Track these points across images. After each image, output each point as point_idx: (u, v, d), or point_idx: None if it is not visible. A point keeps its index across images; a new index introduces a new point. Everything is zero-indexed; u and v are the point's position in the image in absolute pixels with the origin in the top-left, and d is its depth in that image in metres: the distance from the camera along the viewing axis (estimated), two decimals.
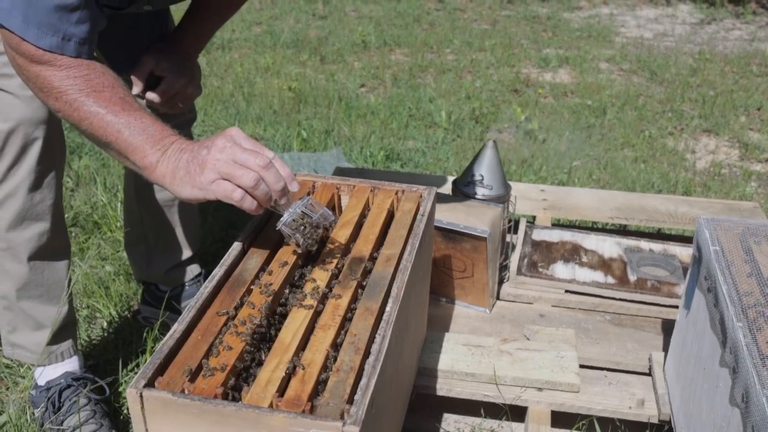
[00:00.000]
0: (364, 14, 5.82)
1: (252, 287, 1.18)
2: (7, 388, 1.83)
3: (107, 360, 1.91)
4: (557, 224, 2.29)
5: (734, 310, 1.14)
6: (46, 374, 1.68)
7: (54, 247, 1.58)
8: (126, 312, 2.11)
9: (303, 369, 1.02)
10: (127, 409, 1.71)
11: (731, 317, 1.13)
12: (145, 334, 1.93)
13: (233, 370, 1.03)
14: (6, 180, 1.47)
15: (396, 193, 1.45)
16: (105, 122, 1.18)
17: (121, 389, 1.79)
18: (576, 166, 3.15)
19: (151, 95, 1.58)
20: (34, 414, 1.69)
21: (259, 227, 1.34)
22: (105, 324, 2.06)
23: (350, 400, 0.97)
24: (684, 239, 2.19)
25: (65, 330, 1.65)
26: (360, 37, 5.06)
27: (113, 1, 1.42)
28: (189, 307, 1.12)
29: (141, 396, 0.97)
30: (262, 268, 1.23)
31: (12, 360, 1.88)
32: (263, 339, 1.11)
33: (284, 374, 1.01)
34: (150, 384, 0.99)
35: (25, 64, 1.20)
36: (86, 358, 1.85)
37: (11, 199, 1.48)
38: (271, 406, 0.96)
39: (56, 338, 1.64)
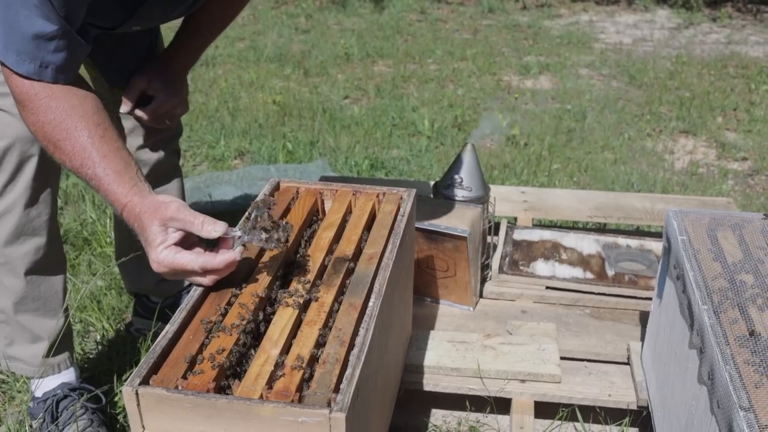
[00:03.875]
0: (346, 27, 5.89)
1: (241, 288, 1.23)
2: (4, 403, 1.86)
3: (102, 371, 1.95)
4: (538, 225, 2.35)
5: (700, 294, 1.20)
6: (44, 386, 1.71)
7: (50, 261, 1.61)
8: (119, 325, 2.15)
9: (291, 363, 1.07)
10: (124, 416, 1.76)
11: (697, 301, 1.19)
12: (138, 344, 1.98)
13: (224, 366, 1.08)
14: (3, 196, 1.50)
15: (377, 196, 1.51)
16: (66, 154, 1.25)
17: (117, 399, 1.83)
18: (556, 169, 3.22)
19: (140, 113, 1.63)
20: (32, 425, 1.72)
21: None
22: (98, 337, 2.10)
23: (336, 390, 1.01)
24: (660, 235, 2.25)
25: (62, 342, 1.68)
26: (343, 50, 5.13)
27: (104, 22, 1.48)
28: (180, 309, 1.17)
29: (137, 393, 1.01)
30: (250, 270, 1.28)
31: (8, 375, 1.91)
32: (253, 336, 1.16)
33: (272, 368, 1.06)
34: (145, 382, 1.03)
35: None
36: (81, 371, 1.88)
37: (8, 214, 1.52)
38: (261, 397, 1.01)
39: (53, 350, 1.67)
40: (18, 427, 1.74)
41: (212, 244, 1.25)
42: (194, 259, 1.18)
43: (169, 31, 1.74)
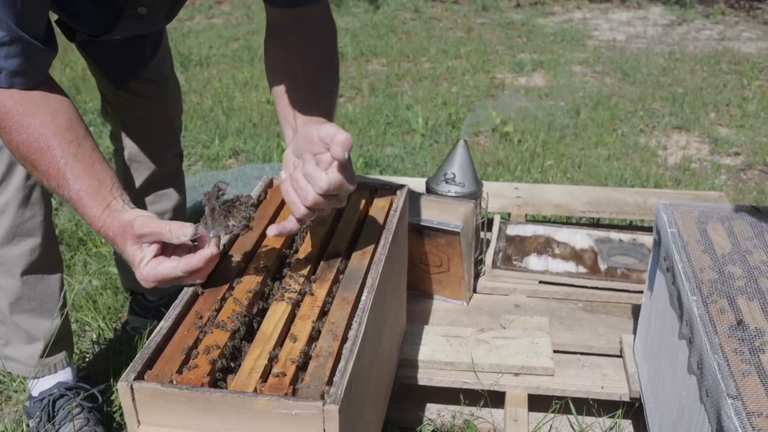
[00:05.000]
0: (340, 26, 5.90)
1: (234, 284, 1.24)
2: (1, 403, 1.87)
3: (98, 371, 1.96)
4: (531, 220, 2.36)
5: (689, 285, 1.21)
6: (40, 385, 1.71)
7: (46, 261, 1.61)
8: (115, 324, 2.16)
9: (285, 356, 1.08)
10: (120, 415, 1.76)
11: (686, 292, 1.21)
12: (134, 343, 1.98)
13: (218, 361, 1.09)
14: None
15: (370, 192, 1.52)
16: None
17: (113, 397, 1.83)
18: (550, 165, 3.23)
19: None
20: (29, 425, 1.73)
21: None
22: (94, 336, 2.11)
23: (330, 382, 1.02)
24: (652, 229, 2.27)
25: (59, 342, 1.68)
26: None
27: (89, 30, 1.49)
28: (174, 305, 1.17)
29: (131, 388, 1.02)
30: (243, 266, 1.29)
31: (4, 375, 1.92)
32: (246, 331, 1.17)
33: (266, 362, 1.07)
34: (140, 377, 1.04)
35: None
36: (78, 370, 1.89)
37: (1, 216, 1.52)
38: (255, 391, 1.02)
39: (50, 350, 1.67)
40: (15, 426, 1.74)
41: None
42: (175, 265, 1.17)
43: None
